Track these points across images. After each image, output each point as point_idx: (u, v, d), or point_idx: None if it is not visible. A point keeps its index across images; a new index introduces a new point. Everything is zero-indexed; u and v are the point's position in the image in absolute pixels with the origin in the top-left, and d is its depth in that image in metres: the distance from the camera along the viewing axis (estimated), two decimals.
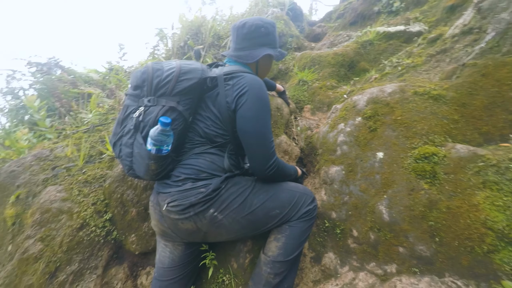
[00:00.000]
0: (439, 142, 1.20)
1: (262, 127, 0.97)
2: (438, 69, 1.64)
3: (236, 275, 1.14)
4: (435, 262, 0.94)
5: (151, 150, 0.87)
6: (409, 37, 2.38)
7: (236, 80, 1.00)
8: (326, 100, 2.26)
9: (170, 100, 0.94)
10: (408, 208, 1.06)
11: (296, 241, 1.03)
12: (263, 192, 1.02)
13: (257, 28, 1.13)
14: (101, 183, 1.38)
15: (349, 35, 3.32)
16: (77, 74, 3.03)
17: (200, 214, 0.91)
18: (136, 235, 1.25)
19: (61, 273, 1.09)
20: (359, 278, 1.09)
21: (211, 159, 1.01)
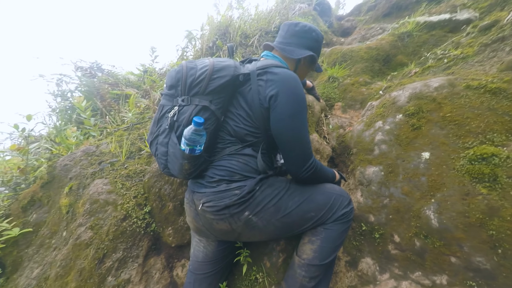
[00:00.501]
0: (500, 141, 1.06)
1: (299, 126, 0.92)
2: (495, 60, 1.46)
3: (269, 274, 1.13)
4: (498, 277, 0.84)
5: (184, 150, 0.88)
6: (455, 26, 2.16)
7: (270, 76, 0.94)
8: (359, 97, 2.15)
9: (203, 99, 0.93)
10: (462, 215, 0.95)
11: (332, 245, 0.99)
12: (298, 194, 0.99)
13: (310, 30, 1.14)
14: (141, 177, 1.47)
15: (383, 27, 3.12)
16: (116, 77, 3.28)
17: (235, 216, 0.91)
18: (172, 228, 1.31)
19: (108, 260, 1.18)
20: (401, 287, 1.01)
21: (244, 160, 0.98)
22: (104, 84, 2.98)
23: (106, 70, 3.44)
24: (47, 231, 1.50)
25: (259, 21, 3.31)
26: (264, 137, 1.00)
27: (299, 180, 1.00)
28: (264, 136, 1.00)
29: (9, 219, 1.56)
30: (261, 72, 0.96)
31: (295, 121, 0.92)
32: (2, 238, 1.47)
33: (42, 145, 2.47)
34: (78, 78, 3.26)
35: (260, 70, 0.97)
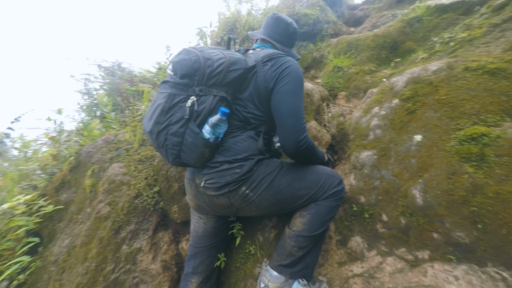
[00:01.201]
0: (493, 122, 1.05)
1: (296, 101, 1.01)
2: (502, 40, 1.40)
3: (262, 247, 1.23)
4: (476, 250, 0.86)
5: (209, 138, 0.94)
6: (469, 8, 2.05)
7: (275, 61, 1.06)
8: (363, 85, 2.14)
9: (220, 90, 0.99)
10: (446, 193, 0.97)
11: (321, 219, 1.05)
12: (290, 173, 1.07)
13: (296, 31, 1.27)
14: (151, 161, 1.63)
15: (394, 14, 3.02)
16: (134, 74, 3.54)
17: (233, 191, 1.00)
18: (178, 206, 1.46)
19: (122, 231, 1.36)
20: (386, 262, 1.05)
21: (248, 143, 1.06)
22: (123, 81, 3.25)
23: (126, 68, 3.73)
24: (75, 208, 1.73)
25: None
26: (267, 119, 1.10)
27: (292, 155, 1.05)
28: (267, 118, 1.09)
29: (44, 198, 1.82)
30: (266, 59, 1.07)
31: (293, 96, 1.01)
32: (40, 213, 1.72)
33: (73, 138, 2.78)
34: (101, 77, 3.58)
35: (265, 58, 1.07)
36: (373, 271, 1.06)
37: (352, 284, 1.05)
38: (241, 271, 1.25)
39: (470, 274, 0.83)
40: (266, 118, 1.09)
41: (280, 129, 1.01)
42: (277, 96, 1.01)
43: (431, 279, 0.88)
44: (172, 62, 0.98)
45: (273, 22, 1.23)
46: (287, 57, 1.08)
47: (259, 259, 1.21)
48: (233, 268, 1.27)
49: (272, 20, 1.23)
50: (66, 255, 1.49)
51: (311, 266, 1.06)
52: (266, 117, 1.09)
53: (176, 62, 0.97)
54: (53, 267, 1.49)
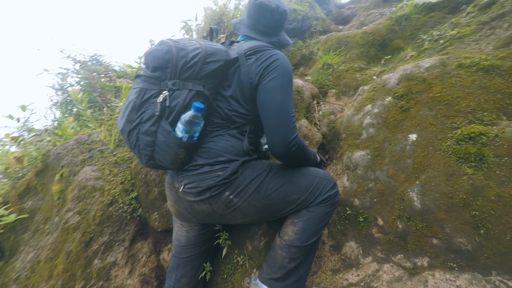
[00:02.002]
0: (489, 120, 1.00)
1: (285, 99, 0.90)
2: (493, 37, 1.37)
3: (251, 257, 1.12)
4: (479, 257, 0.80)
5: (182, 137, 0.83)
6: (455, 7, 2.04)
7: (260, 54, 0.94)
8: (353, 83, 2.08)
9: (196, 84, 0.88)
10: (446, 196, 0.91)
11: (314, 227, 0.96)
12: (279, 176, 0.97)
13: (285, 13, 1.10)
14: (129, 164, 1.47)
15: (382, 12, 3.00)
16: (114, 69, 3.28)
17: (215, 196, 0.89)
18: (158, 213, 1.31)
19: (94, 243, 1.20)
20: (383, 270, 0.98)
21: (231, 142, 0.96)
22: (101, 77, 2.99)
23: (105, 63, 3.45)
24: (41, 217, 1.53)
25: None
26: (253, 118, 0.99)
27: (281, 157, 0.95)
28: (253, 116, 0.98)
29: (6, 206, 1.60)
30: (250, 53, 0.95)
31: (281, 94, 0.90)
32: (0, 223, 1.51)
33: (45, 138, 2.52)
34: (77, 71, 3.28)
35: (248, 51, 0.95)
36: (370, 279, 0.98)
37: None
38: (229, 283, 1.13)
39: (474, 284, 0.77)
40: (251, 116, 0.98)
41: (267, 129, 0.91)
42: (263, 93, 0.90)
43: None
44: (145, 54, 0.88)
45: (255, 10, 1.06)
46: (273, 50, 0.96)
47: (247, 270, 1.10)
48: (219, 280, 1.16)
49: (255, 9, 1.06)
50: (30, 272, 1.30)
51: (304, 277, 0.97)
52: (251, 116, 0.98)
53: (147, 53, 0.87)
54: (14, 286, 1.30)
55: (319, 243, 1.21)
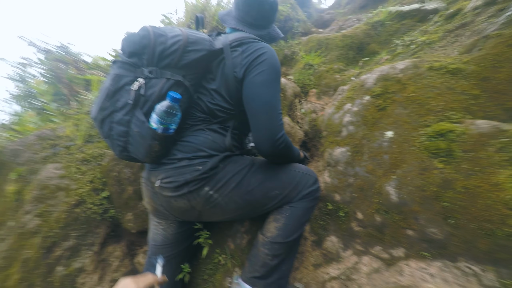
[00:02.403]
0: (457, 118, 1.07)
1: (272, 94, 0.86)
2: (457, 44, 1.48)
3: (233, 256, 1.08)
4: (448, 245, 0.84)
5: (157, 129, 0.77)
6: (424, 16, 2.19)
7: (246, 46, 0.89)
8: (333, 83, 2.13)
9: (176, 73, 0.82)
10: (419, 189, 0.95)
11: (296, 223, 0.95)
12: (262, 171, 0.94)
13: (275, 4, 1.04)
14: (100, 161, 1.35)
15: (359, 18, 3.13)
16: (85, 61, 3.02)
17: (194, 192, 0.84)
18: (133, 213, 1.21)
19: (57, 249, 1.07)
20: (362, 262, 1.00)
21: (213, 137, 0.91)
22: (70, 68, 2.73)
23: (75, 53, 3.16)
24: None
25: None
26: (237, 113, 0.94)
27: (268, 155, 0.92)
28: (237, 112, 0.93)
29: None
30: (236, 44, 0.90)
31: (268, 89, 0.86)
32: None
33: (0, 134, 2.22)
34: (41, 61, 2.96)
35: (234, 42, 0.90)
36: (350, 272, 1.00)
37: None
38: (209, 284, 1.08)
39: (445, 271, 0.81)
40: (235, 112, 0.93)
41: (253, 126, 0.87)
42: (250, 88, 0.86)
43: (408, 278, 0.85)
44: (122, 39, 0.82)
45: (244, 2, 1.00)
46: (261, 43, 0.92)
47: (229, 269, 1.06)
48: (200, 281, 1.10)
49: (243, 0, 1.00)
50: None
51: (287, 274, 0.95)
52: (235, 111, 0.93)
53: (125, 38, 0.82)
54: None
55: (301, 239, 1.20)
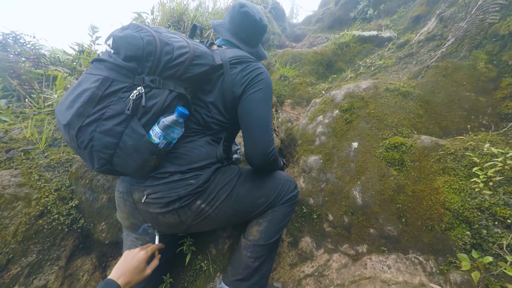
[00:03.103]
0: (407, 133, 1.27)
1: (267, 111, 0.91)
2: (406, 70, 1.75)
3: (215, 261, 1.09)
4: (401, 240, 1.00)
5: (159, 144, 0.73)
6: (380, 42, 2.51)
7: (246, 65, 0.92)
8: (306, 95, 2.30)
9: (178, 86, 0.79)
10: (379, 193, 1.10)
11: (277, 225, 1.01)
12: (249, 180, 0.97)
13: (266, 27, 1.10)
14: (67, 168, 1.22)
15: (327, 37, 3.42)
16: (42, 54, 2.67)
17: (185, 207, 0.82)
18: (106, 223, 1.13)
19: (14, 266, 0.94)
20: (333, 259, 1.11)
21: (207, 149, 0.90)
22: (23, 60, 2.39)
23: (28, 44, 2.78)
24: None
25: (216, 15, 3.19)
26: (229, 126, 0.96)
27: (259, 167, 0.95)
28: (230, 124, 0.95)
29: None
30: (235, 62, 0.92)
31: (264, 106, 0.90)
32: None
33: None
34: None
35: (233, 60, 0.92)
36: (322, 269, 1.10)
37: (305, 285, 1.06)
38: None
39: (399, 262, 0.96)
40: (228, 125, 0.95)
41: (248, 139, 0.89)
42: (247, 104, 0.89)
43: (370, 270, 0.97)
44: (114, 36, 0.71)
45: (240, 18, 1.04)
46: (258, 63, 0.97)
47: (211, 274, 1.06)
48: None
49: (239, 16, 1.03)
50: None
51: (267, 274, 1.00)
52: (229, 124, 0.95)
53: (120, 37, 0.70)
54: None
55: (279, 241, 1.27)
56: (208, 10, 3.63)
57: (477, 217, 0.89)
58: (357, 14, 3.26)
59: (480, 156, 1.01)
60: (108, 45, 0.72)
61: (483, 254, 0.83)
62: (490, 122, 1.25)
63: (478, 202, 0.91)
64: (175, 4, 2.91)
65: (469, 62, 1.41)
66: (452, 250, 0.90)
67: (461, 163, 1.03)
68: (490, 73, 1.34)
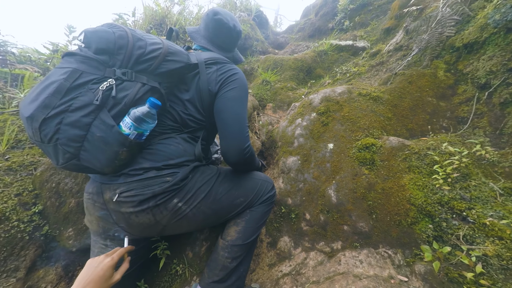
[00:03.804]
0: (377, 135, 1.34)
1: (242, 109, 0.92)
2: (377, 77, 1.86)
3: (191, 265, 1.05)
4: (372, 236, 1.03)
5: (129, 134, 0.71)
6: (355, 51, 2.65)
7: (221, 66, 0.95)
8: (287, 99, 2.34)
9: (152, 80, 0.79)
10: (352, 191, 1.14)
11: (255, 225, 1.00)
12: (228, 180, 0.97)
13: (240, 33, 1.13)
14: (31, 171, 1.13)
15: (308, 45, 3.54)
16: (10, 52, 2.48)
17: (161, 205, 0.79)
18: (74, 229, 1.05)
19: None
20: (310, 257, 1.12)
21: (184, 146, 0.89)
22: None
23: None
24: None
25: (199, 20, 3.19)
26: (207, 125, 0.96)
27: (234, 164, 0.95)
28: (208, 123, 0.96)
29: None
30: (211, 62, 0.94)
31: (238, 104, 0.91)
32: None
33: None
34: None
35: (209, 61, 0.94)
36: (299, 267, 1.10)
37: (282, 284, 1.05)
38: None
39: (370, 257, 0.99)
40: (206, 123, 0.96)
41: (223, 136, 0.90)
42: (222, 101, 0.90)
43: (344, 266, 0.99)
44: (85, 31, 0.72)
45: (214, 25, 1.06)
46: (233, 65, 1.00)
47: (187, 278, 1.02)
48: None
49: (213, 23, 1.06)
50: None
51: (244, 275, 0.99)
52: (206, 123, 0.96)
53: (91, 32, 0.72)
54: None
55: (258, 242, 1.26)
56: (192, 15, 3.62)
57: (438, 211, 0.95)
58: (335, 25, 3.42)
59: (440, 155, 1.09)
60: (80, 40, 0.73)
61: (443, 245, 0.88)
62: (449, 125, 1.35)
63: (438, 197, 0.97)
64: (157, 7, 2.87)
65: (430, 70, 1.52)
66: (417, 243, 0.95)
67: (424, 161, 1.10)
68: (448, 81, 1.46)
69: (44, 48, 2.76)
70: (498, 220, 0.84)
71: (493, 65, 1.24)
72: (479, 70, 1.31)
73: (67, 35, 2.99)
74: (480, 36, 1.33)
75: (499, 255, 0.77)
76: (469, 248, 0.81)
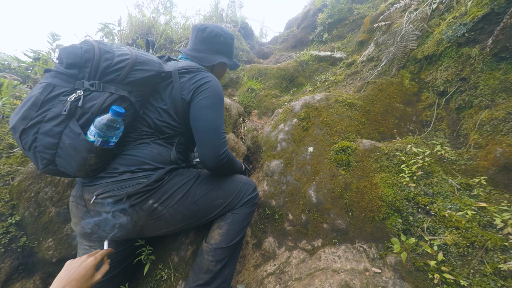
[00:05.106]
0: (352, 138, 1.41)
1: (216, 116, 0.93)
2: (352, 85, 1.97)
3: (177, 269, 1.04)
4: (349, 232, 1.08)
5: (94, 141, 0.74)
6: (333, 61, 2.79)
7: (194, 74, 0.96)
8: (271, 106, 2.40)
9: (120, 89, 0.81)
10: (330, 191, 1.19)
11: (238, 227, 1.01)
12: (207, 182, 0.98)
13: (216, 36, 1.10)
14: (7, 181, 1.07)
15: (290, 55, 3.67)
16: None
17: (136, 206, 0.80)
18: (54, 239, 1.01)
19: None
20: (293, 256, 1.14)
21: (158, 150, 0.90)
22: None
23: None
24: None
25: (186, 30, 3.21)
26: (184, 131, 0.97)
27: (212, 169, 0.96)
28: (184, 130, 0.97)
29: None
30: (184, 71, 0.96)
31: (212, 111, 0.92)
32: None
33: None
34: None
35: (182, 70, 0.96)
36: (283, 266, 1.12)
37: (266, 284, 1.06)
38: None
39: (347, 252, 1.03)
40: (182, 129, 0.97)
41: (199, 143, 0.92)
42: (195, 110, 0.92)
43: (324, 262, 1.03)
44: (60, 49, 0.78)
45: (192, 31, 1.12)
46: (207, 73, 1.00)
47: (173, 283, 1.01)
48: None
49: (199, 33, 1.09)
50: None
51: (230, 277, 0.99)
52: (182, 129, 0.97)
53: (63, 49, 0.78)
54: None
55: (244, 243, 1.27)
56: (179, 26, 3.64)
57: (405, 206, 1.02)
58: (315, 37, 3.58)
59: (406, 155, 1.17)
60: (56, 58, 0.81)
61: (410, 237, 0.94)
62: (415, 128, 1.46)
63: (405, 194, 1.04)
64: (144, 17, 2.86)
65: (398, 79, 1.65)
66: (388, 236, 1.00)
67: (393, 161, 1.18)
68: (413, 88, 1.59)
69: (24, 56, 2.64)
70: (455, 212, 0.91)
71: (449, 74, 1.37)
72: (438, 79, 1.44)
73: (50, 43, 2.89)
74: (437, 49, 1.47)
75: (457, 243, 0.84)
76: (431, 238, 0.87)
